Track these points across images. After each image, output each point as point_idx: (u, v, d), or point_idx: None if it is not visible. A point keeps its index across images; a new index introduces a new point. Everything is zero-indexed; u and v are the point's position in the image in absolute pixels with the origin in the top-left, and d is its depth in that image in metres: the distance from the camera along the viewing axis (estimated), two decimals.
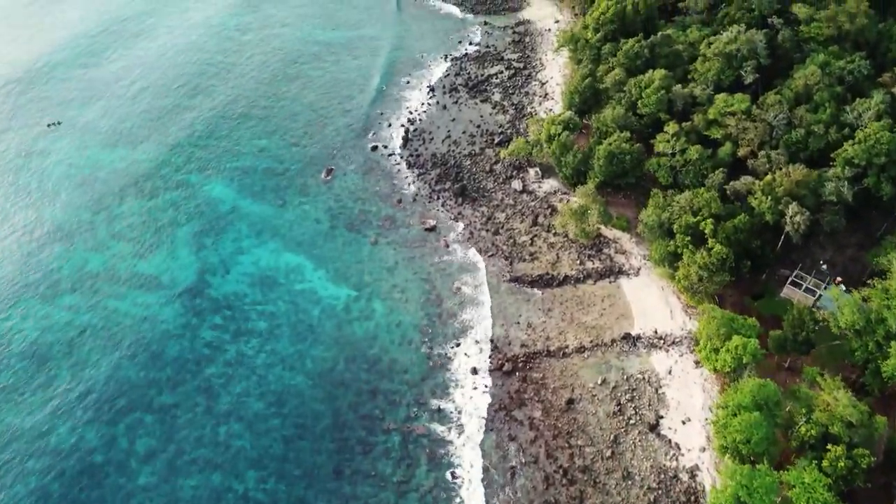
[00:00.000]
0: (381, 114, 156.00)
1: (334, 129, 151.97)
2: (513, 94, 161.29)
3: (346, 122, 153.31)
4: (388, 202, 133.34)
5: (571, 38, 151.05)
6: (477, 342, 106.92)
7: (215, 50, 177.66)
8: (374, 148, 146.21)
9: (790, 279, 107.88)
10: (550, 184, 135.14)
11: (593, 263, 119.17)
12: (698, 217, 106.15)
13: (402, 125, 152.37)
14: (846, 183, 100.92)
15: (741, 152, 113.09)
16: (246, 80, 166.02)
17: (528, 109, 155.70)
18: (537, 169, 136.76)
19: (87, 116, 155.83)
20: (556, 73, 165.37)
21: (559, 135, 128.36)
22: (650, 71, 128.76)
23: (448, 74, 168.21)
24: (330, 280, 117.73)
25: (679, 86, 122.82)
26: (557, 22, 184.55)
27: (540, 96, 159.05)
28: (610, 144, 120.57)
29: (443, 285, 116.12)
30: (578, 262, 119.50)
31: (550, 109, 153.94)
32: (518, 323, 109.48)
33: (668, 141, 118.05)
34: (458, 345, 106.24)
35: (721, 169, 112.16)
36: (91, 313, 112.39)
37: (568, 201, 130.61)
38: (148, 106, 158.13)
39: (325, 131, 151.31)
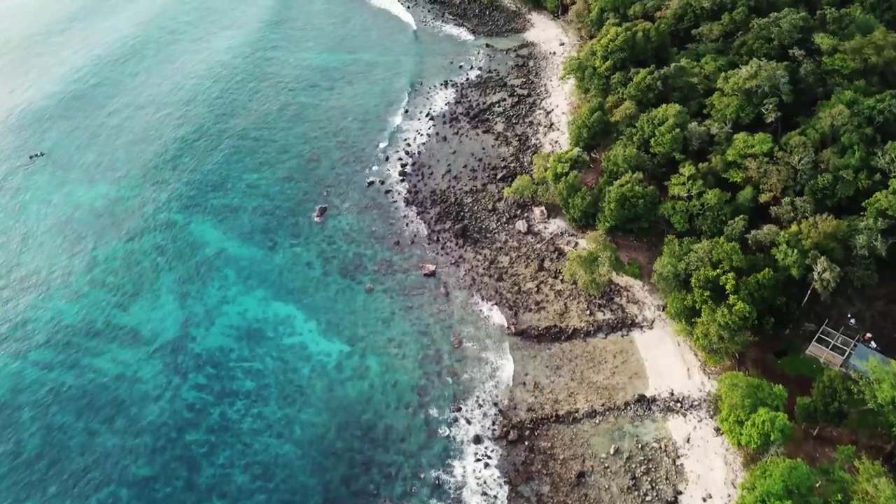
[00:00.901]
0: (378, 146, 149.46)
1: (329, 162, 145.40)
2: (516, 123, 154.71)
3: (341, 156, 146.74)
4: (384, 244, 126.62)
5: (578, 66, 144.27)
6: (480, 405, 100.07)
7: (205, 76, 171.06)
8: (371, 184, 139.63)
9: (816, 335, 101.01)
10: (557, 224, 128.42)
11: (604, 314, 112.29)
12: (718, 270, 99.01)
13: (400, 159, 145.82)
14: (879, 235, 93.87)
15: (763, 198, 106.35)
16: (237, 109, 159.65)
17: (533, 141, 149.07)
18: (543, 208, 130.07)
19: (70, 148, 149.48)
20: (561, 100, 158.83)
21: (566, 174, 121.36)
22: (663, 105, 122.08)
23: (448, 102, 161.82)
24: (321, 333, 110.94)
25: (695, 123, 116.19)
26: (563, 44, 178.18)
27: (545, 126, 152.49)
28: (621, 186, 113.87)
29: (442, 339, 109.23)
30: (588, 312, 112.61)
31: (556, 141, 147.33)
32: (524, 383, 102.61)
33: (684, 184, 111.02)
34: (458, 409, 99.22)
35: (741, 216, 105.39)
36: (64, 370, 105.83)
37: (576, 244, 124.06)
38: (133, 138, 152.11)
39: (319, 165, 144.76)
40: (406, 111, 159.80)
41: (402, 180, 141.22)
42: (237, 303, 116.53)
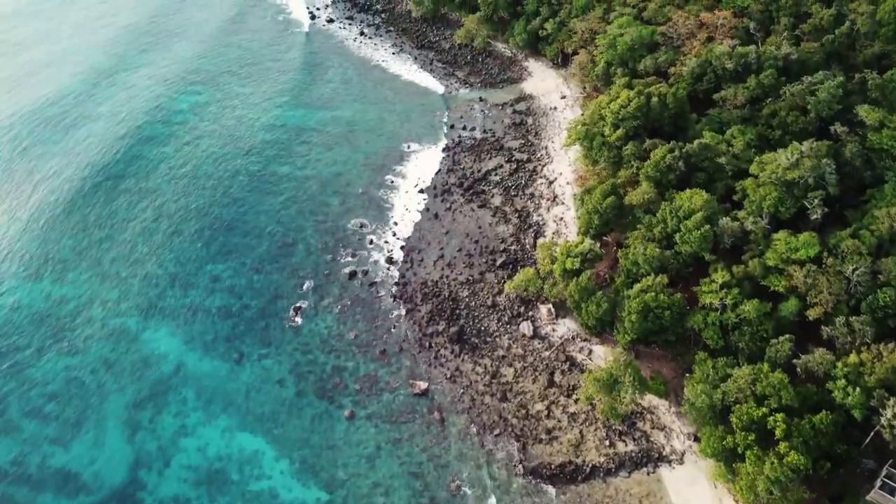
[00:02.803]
0: (362, 226, 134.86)
1: (305, 247, 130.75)
2: (515, 195, 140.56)
3: (318, 240, 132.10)
4: (368, 354, 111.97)
5: (586, 134, 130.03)
6: None
7: (163, 141, 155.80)
8: (353, 275, 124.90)
9: (880, 479, 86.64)
10: (567, 326, 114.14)
11: (626, 445, 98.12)
12: (764, 409, 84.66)
13: (387, 242, 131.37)
14: None
15: (812, 314, 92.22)
16: (200, 182, 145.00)
17: (535, 217, 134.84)
18: (550, 307, 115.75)
19: (8, 237, 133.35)
20: (565, 167, 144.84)
21: (578, 275, 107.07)
22: (688, 192, 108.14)
23: (439, 170, 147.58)
24: (295, 475, 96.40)
25: (727, 219, 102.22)
26: (564, 98, 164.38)
27: (548, 199, 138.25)
28: (644, 293, 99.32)
29: (437, 484, 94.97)
30: (607, 442, 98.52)
31: (561, 218, 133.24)
32: None
33: (716, 292, 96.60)
34: None
35: (787, 337, 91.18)
36: None
37: (590, 352, 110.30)
38: (78, 221, 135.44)
39: (293, 251, 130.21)
40: (392, 182, 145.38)
41: (389, 269, 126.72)
42: (197, 435, 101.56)
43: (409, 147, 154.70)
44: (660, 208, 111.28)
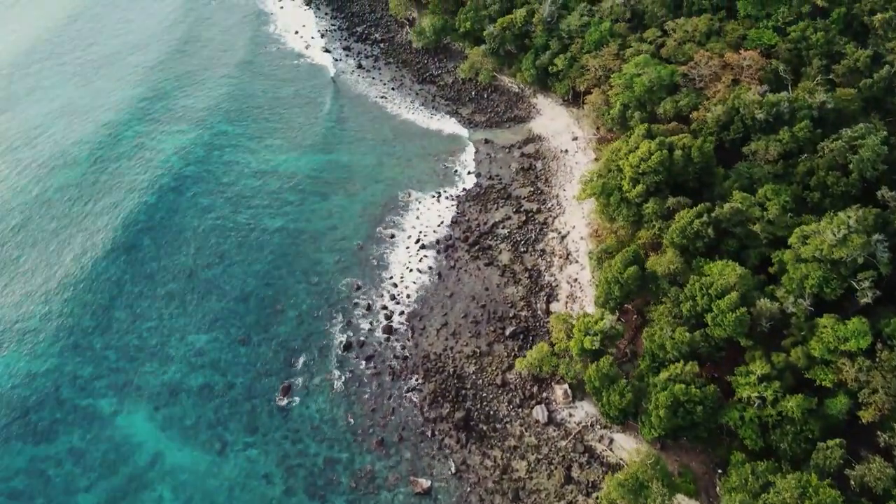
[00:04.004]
0: (358, 288, 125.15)
1: (296, 314, 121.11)
2: (525, 252, 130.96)
3: (311, 304, 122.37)
4: (364, 443, 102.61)
5: (602, 188, 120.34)
6: None
7: (147, 189, 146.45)
8: (348, 347, 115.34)
9: None
10: (585, 409, 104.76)
11: None
12: None
13: (385, 307, 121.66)
14: None
15: (865, 416, 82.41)
16: (184, 237, 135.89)
17: (546, 277, 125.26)
18: (566, 388, 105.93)
19: None
20: (578, 219, 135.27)
21: (597, 356, 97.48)
22: (719, 265, 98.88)
23: (443, 222, 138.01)
24: None
25: (765, 300, 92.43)
26: (576, 139, 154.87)
27: (560, 256, 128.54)
28: (673, 384, 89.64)
29: None
30: None
31: (575, 279, 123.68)
32: None
33: (755, 385, 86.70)
34: None
35: (837, 442, 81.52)
36: None
37: (611, 441, 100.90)
38: (48, 281, 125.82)
39: (283, 318, 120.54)
40: (392, 236, 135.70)
41: (388, 339, 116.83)
42: None
43: (409, 195, 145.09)
44: (687, 280, 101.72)
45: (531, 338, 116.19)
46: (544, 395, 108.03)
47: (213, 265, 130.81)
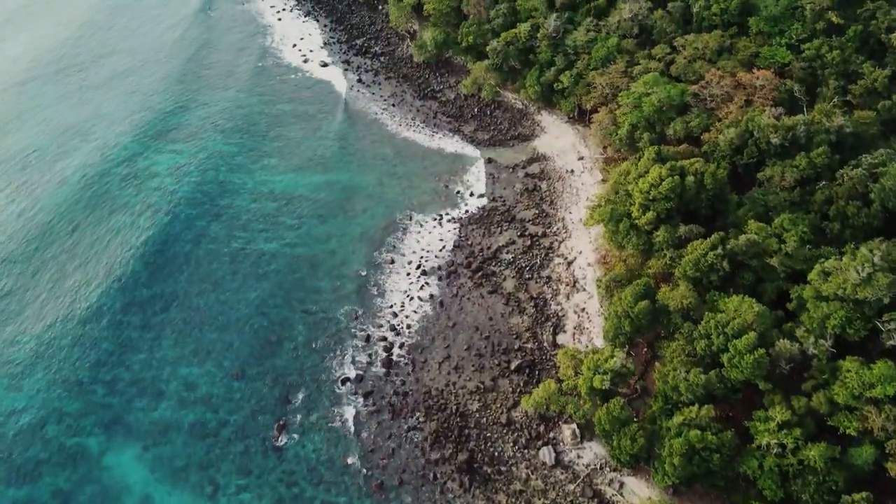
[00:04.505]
0: (356, 317, 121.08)
1: (292, 345, 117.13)
2: (530, 279, 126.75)
3: (307, 335, 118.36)
4: (362, 486, 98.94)
5: (611, 215, 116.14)
6: None
7: (141, 212, 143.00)
8: (346, 381, 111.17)
9: None
10: (594, 451, 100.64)
11: None
12: None
13: (384, 339, 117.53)
14: None
15: (893, 468, 77.60)
16: (178, 262, 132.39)
17: (553, 307, 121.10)
18: (575, 427, 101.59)
19: None
20: (585, 244, 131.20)
21: (607, 397, 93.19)
22: (735, 301, 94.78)
23: (444, 246, 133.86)
24: None
25: (785, 341, 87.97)
26: (582, 159, 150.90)
27: (567, 284, 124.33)
28: (688, 429, 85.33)
29: None
30: None
31: (583, 309, 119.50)
32: None
33: (774, 431, 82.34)
34: None
35: (864, 496, 77.70)
36: None
37: (621, 486, 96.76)
38: (36, 312, 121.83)
39: (279, 350, 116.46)
40: (392, 261, 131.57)
41: (388, 373, 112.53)
42: None
43: (411, 217, 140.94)
44: (701, 315, 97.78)
45: (537, 372, 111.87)
46: (551, 435, 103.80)
47: (207, 292, 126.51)
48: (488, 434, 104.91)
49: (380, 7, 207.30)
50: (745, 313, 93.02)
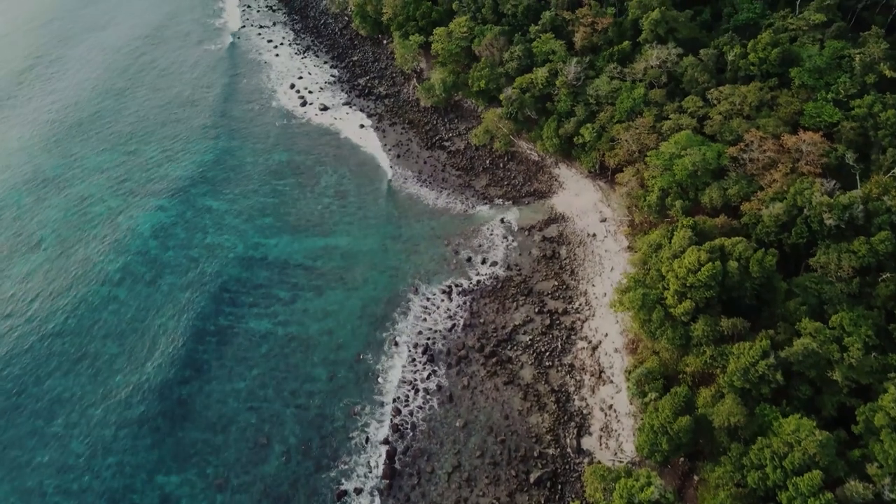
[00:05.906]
0: (356, 413, 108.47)
1: (282, 449, 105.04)
2: (550, 366, 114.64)
3: (300, 437, 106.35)
4: None
5: (642, 302, 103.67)
6: None
7: (118, 282, 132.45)
8: (343, 495, 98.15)
9: None
10: None
11: None
12: None
13: (386, 439, 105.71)
14: None
15: None
16: (157, 345, 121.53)
17: (576, 402, 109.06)
18: None
19: None
20: (611, 324, 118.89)
21: None
22: (793, 422, 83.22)
23: (454, 326, 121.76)
24: None
25: (857, 483, 75.80)
26: (605, 221, 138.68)
27: (591, 374, 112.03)
28: None
29: None
30: None
31: (610, 405, 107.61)
32: None
33: None
34: None
35: None
36: None
37: None
38: None
39: (268, 455, 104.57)
40: (395, 342, 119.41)
41: (390, 486, 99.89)
42: None
43: (416, 289, 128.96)
44: (749, 432, 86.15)
45: (559, 486, 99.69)
46: None
47: (190, 380, 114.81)
48: None
49: (384, 42, 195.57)
50: (807, 442, 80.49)
